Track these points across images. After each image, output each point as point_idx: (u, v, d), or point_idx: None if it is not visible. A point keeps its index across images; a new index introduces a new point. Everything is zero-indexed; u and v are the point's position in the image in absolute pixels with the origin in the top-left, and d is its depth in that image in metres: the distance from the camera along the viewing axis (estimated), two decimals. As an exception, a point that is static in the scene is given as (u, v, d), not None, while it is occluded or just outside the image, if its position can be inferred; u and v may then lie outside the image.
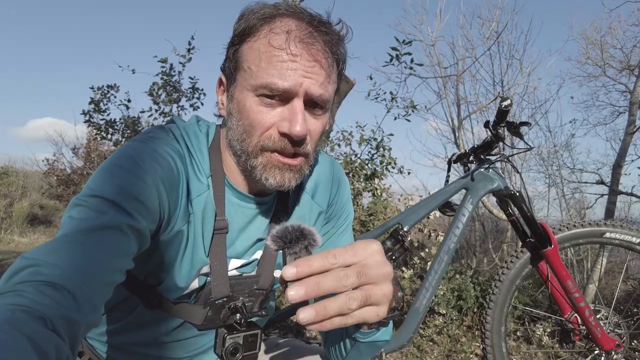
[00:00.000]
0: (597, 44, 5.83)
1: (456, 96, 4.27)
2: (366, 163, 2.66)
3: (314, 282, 0.47)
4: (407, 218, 1.58)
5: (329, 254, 0.49)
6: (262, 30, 0.68)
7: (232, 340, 0.73)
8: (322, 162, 0.90)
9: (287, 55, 0.66)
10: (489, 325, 1.58)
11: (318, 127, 0.72)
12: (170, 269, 0.73)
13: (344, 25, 0.74)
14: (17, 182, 8.18)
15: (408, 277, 2.75)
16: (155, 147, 0.70)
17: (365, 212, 2.51)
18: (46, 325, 0.42)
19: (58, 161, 7.33)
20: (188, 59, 3.53)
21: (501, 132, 1.45)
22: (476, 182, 1.57)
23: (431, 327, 2.93)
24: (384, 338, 0.73)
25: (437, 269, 1.55)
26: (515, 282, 1.59)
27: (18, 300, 0.43)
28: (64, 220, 0.58)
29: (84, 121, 3.42)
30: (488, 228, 5.19)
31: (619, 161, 3.63)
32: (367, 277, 0.50)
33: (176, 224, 0.71)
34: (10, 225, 6.73)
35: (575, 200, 5.43)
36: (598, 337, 1.49)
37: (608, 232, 1.55)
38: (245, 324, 0.77)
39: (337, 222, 0.92)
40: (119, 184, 0.61)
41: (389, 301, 0.53)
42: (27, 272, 0.47)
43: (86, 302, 0.49)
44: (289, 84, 0.66)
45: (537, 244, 1.52)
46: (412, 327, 1.52)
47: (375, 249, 0.52)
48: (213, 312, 0.77)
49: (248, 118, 0.69)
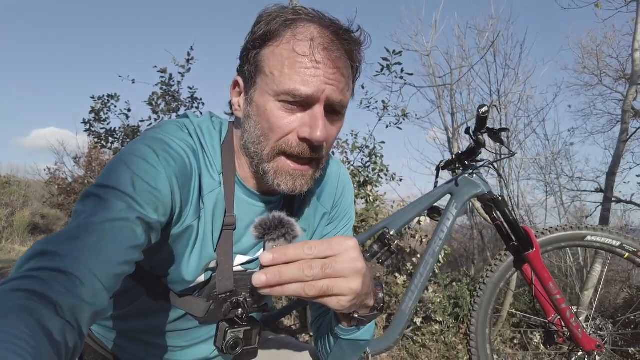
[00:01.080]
0: (593, 53, 5.90)
1: (451, 105, 4.33)
2: (359, 170, 2.70)
3: (277, 270, 0.50)
4: (393, 222, 1.61)
5: (306, 245, 0.52)
6: (284, 36, 0.69)
7: (233, 334, 0.75)
8: (331, 165, 0.92)
9: (310, 62, 0.67)
10: (473, 327, 1.61)
11: (334, 132, 0.74)
12: (179, 262, 0.74)
13: (362, 32, 0.74)
14: (19, 191, 8.24)
15: (401, 282, 2.77)
16: (169, 141, 0.71)
17: (357, 219, 2.55)
18: (57, 311, 0.43)
19: (59, 170, 7.39)
20: (187, 69, 3.59)
21: (482, 138, 1.49)
22: (460, 187, 1.60)
23: (427, 334, 2.95)
24: (364, 337, 0.75)
25: (423, 272, 1.58)
26: (500, 285, 1.62)
27: (31, 285, 0.45)
28: (76, 208, 0.59)
29: (84, 130, 3.48)
30: (487, 236, 5.20)
31: (612, 168, 3.65)
32: (334, 270, 0.52)
33: (187, 218, 0.72)
34: (12, 234, 6.76)
35: (576, 208, 5.44)
36: (579, 338, 1.51)
37: (589, 236, 1.58)
38: (247, 319, 0.78)
39: (339, 224, 0.95)
40: (132, 177, 0.62)
41: (355, 295, 0.55)
42: (40, 259, 0.49)
43: (96, 292, 0.50)
44: (312, 91, 0.67)
45: (520, 247, 1.55)
46: (399, 329, 1.54)
47: (350, 244, 0.54)
48: (215, 306, 0.78)
49: (268, 122, 0.70)
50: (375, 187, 2.77)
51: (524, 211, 4.90)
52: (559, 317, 1.56)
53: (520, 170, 5.08)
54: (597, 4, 3.68)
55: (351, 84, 0.74)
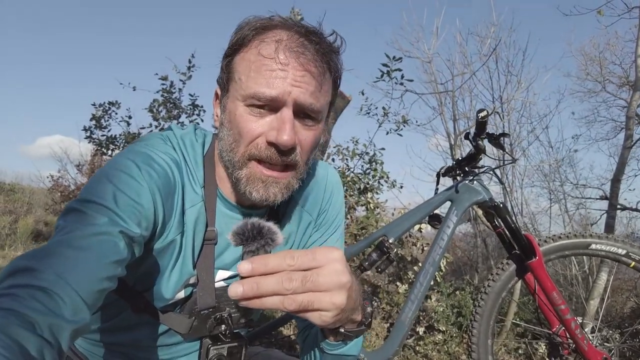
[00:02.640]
0: (596, 60, 5.88)
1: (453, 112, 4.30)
2: (359, 177, 2.67)
3: (253, 281, 0.48)
4: (392, 230, 1.58)
5: (288, 255, 0.49)
6: (253, 41, 0.69)
7: (215, 351, 0.74)
8: (317, 170, 0.89)
9: (275, 64, 0.65)
10: (475, 338, 1.57)
11: (309, 137, 0.71)
12: (160, 278, 0.73)
13: (337, 36, 0.73)
14: (23, 198, 8.27)
15: (402, 291, 2.72)
16: (152, 155, 0.70)
17: (357, 226, 2.52)
18: (34, 330, 0.42)
19: (62, 178, 7.41)
20: (188, 77, 3.60)
21: (482, 144, 1.46)
22: (460, 194, 1.57)
23: (429, 344, 2.89)
24: (351, 353, 0.73)
25: (423, 281, 1.55)
26: (502, 295, 1.58)
27: (9, 304, 0.44)
28: (58, 223, 0.59)
29: (85, 137, 3.49)
30: (491, 244, 5.14)
31: (617, 175, 3.60)
32: (315, 284, 0.49)
33: (170, 232, 0.71)
34: (15, 241, 6.77)
35: (580, 216, 5.38)
36: (585, 350, 1.46)
37: (594, 244, 1.54)
38: (231, 335, 0.77)
39: (327, 230, 0.91)
40: (114, 191, 0.62)
41: (339, 310, 0.52)
42: (19, 276, 0.48)
43: (77, 309, 0.49)
44: (276, 92, 0.65)
45: (523, 255, 1.51)
46: (398, 340, 1.50)
47: (335, 256, 0.51)
48: (199, 322, 0.77)
49: (237, 127, 0.69)
50: (376, 194, 2.74)
51: (527, 219, 4.85)
52: (563, 328, 1.52)
53: (524, 178, 5.03)
54: (599, 11, 3.66)
55: (326, 88, 0.71)
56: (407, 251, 2.73)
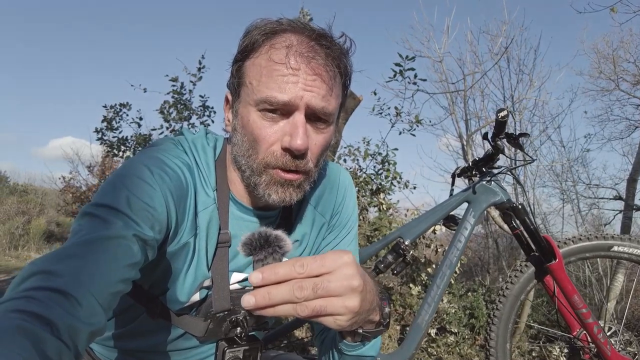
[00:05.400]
0: (609, 57, 5.78)
1: (464, 111, 4.26)
2: (372, 178, 2.65)
3: (265, 291, 0.48)
4: (408, 231, 1.56)
5: (297, 263, 0.49)
6: (264, 46, 0.69)
7: (231, 354, 0.74)
8: (329, 171, 0.90)
9: (287, 69, 0.66)
10: (493, 342, 1.54)
11: (320, 141, 0.72)
12: (175, 281, 0.74)
13: (347, 38, 0.73)
14: (36, 199, 8.39)
15: (416, 293, 2.70)
16: (164, 158, 0.71)
17: (370, 227, 2.50)
18: (53, 332, 0.43)
19: (74, 179, 7.50)
20: (199, 78, 3.61)
21: (500, 144, 1.43)
22: (478, 194, 1.55)
23: (442, 345, 2.86)
24: (369, 353, 0.73)
25: (440, 284, 1.52)
26: (520, 297, 1.55)
27: (28, 306, 0.44)
28: (73, 227, 0.60)
29: (97, 139, 3.51)
30: (502, 245, 5.09)
31: (633, 175, 3.54)
32: (326, 290, 0.49)
33: (183, 235, 0.71)
34: (28, 241, 6.87)
35: (593, 216, 5.30)
36: (608, 356, 1.42)
37: (616, 246, 1.50)
38: (246, 338, 0.77)
39: (341, 232, 0.92)
40: (128, 194, 0.63)
41: (353, 314, 0.51)
42: (37, 279, 0.49)
43: (93, 311, 0.50)
44: (288, 97, 0.66)
45: (542, 257, 1.48)
46: (414, 344, 1.48)
47: (345, 260, 0.51)
48: (214, 325, 0.77)
49: (252, 134, 0.70)
50: (388, 195, 2.72)
51: (540, 219, 4.79)
52: (584, 332, 1.48)
53: (536, 178, 4.97)
54: (612, 9, 3.60)
55: (337, 90, 0.72)
56: (421, 253, 2.71)
